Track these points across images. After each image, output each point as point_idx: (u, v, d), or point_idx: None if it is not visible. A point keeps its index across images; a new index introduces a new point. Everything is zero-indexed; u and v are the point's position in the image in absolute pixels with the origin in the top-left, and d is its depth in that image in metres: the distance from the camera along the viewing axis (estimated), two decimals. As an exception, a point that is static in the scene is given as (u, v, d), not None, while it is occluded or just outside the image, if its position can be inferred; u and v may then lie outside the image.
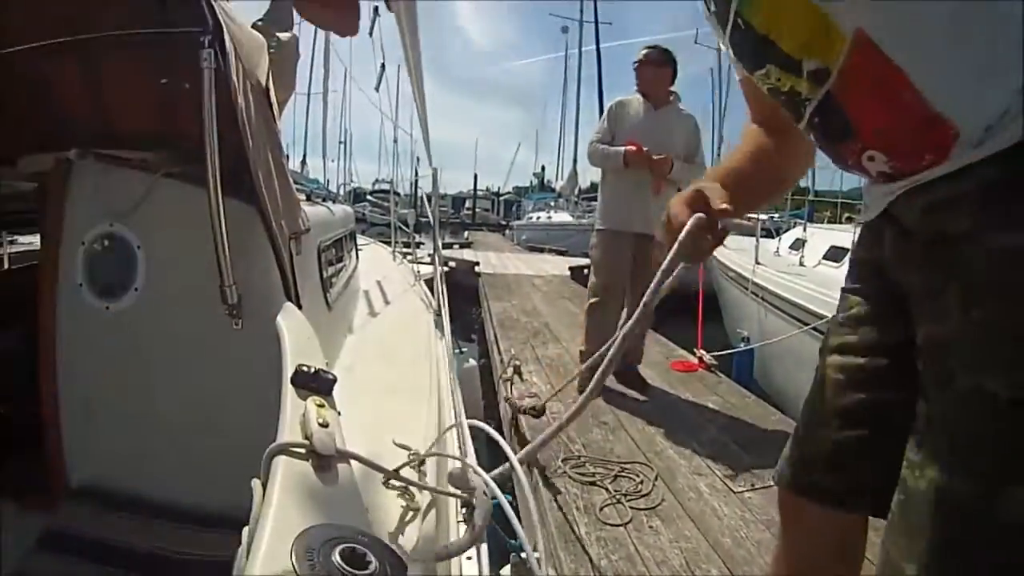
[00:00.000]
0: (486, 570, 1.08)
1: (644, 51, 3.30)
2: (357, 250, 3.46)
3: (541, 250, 16.12)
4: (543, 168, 42.28)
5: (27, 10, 1.37)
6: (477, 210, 43.44)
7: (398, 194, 7.93)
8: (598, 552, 1.87)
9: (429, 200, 4.41)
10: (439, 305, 3.11)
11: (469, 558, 1.03)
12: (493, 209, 47.11)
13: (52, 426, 1.50)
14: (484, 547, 1.14)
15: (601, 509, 2.12)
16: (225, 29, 1.30)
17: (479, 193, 48.07)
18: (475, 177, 46.65)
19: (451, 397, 1.77)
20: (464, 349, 3.60)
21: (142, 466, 1.48)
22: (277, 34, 1.82)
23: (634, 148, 3.19)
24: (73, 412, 1.50)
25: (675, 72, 3.34)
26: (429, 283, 3.88)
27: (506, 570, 1.19)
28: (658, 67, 3.28)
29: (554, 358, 4.21)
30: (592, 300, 3.42)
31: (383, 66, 6.32)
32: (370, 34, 6.69)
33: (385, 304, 3.24)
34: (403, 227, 5.56)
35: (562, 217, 19.74)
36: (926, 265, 0.72)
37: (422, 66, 2.75)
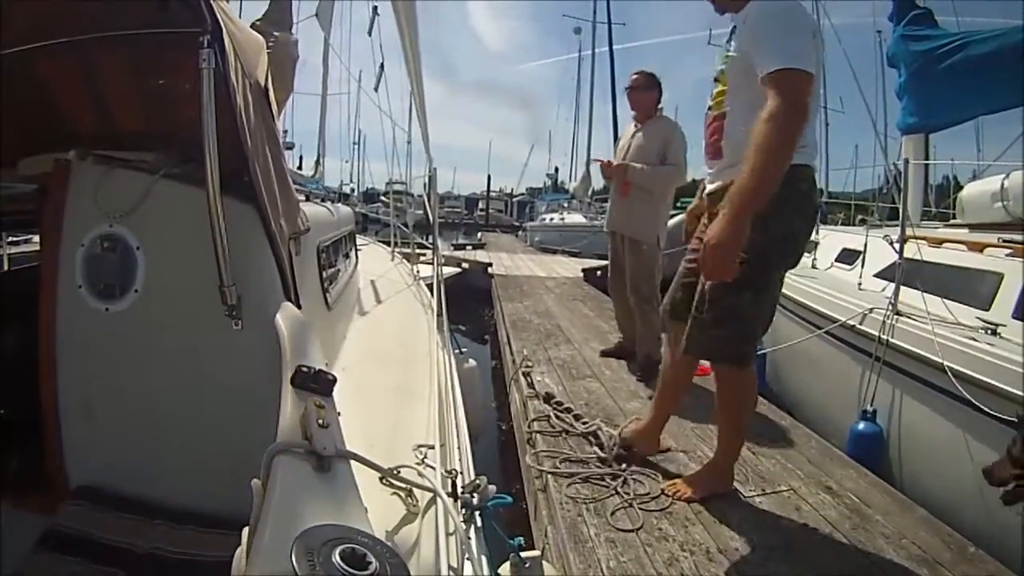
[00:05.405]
0: (486, 570, 1.06)
1: (632, 76, 3.82)
2: (357, 250, 3.47)
3: (554, 252, 16.07)
4: (556, 169, 41.98)
5: (27, 11, 1.37)
6: (490, 211, 43.44)
7: (411, 195, 8.01)
8: (607, 553, 1.85)
9: (432, 199, 4.46)
10: (439, 305, 3.10)
11: (469, 558, 1.02)
12: (506, 210, 47.14)
13: (52, 426, 1.50)
14: (484, 547, 1.13)
15: (612, 513, 2.09)
16: (224, 29, 1.29)
17: (492, 194, 48.02)
18: (488, 178, 46.66)
19: (451, 397, 1.75)
20: (464, 349, 3.59)
21: (142, 466, 1.48)
22: (276, 34, 1.82)
23: (601, 161, 3.92)
24: (73, 412, 1.50)
25: (660, 92, 3.79)
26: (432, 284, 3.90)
27: (505, 569, 1.18)
28: (645, 91, 3.77)
29: (567, 359, 4.18)
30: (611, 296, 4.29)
31: (382, 66, 6.33)
32: (368, 34, 6.72)
33: (385, 304, 3.23)
34: (403, 228, 5.60)
35: (575, 218, 19.54)
36: None
37: (420, 65, 2.74)
